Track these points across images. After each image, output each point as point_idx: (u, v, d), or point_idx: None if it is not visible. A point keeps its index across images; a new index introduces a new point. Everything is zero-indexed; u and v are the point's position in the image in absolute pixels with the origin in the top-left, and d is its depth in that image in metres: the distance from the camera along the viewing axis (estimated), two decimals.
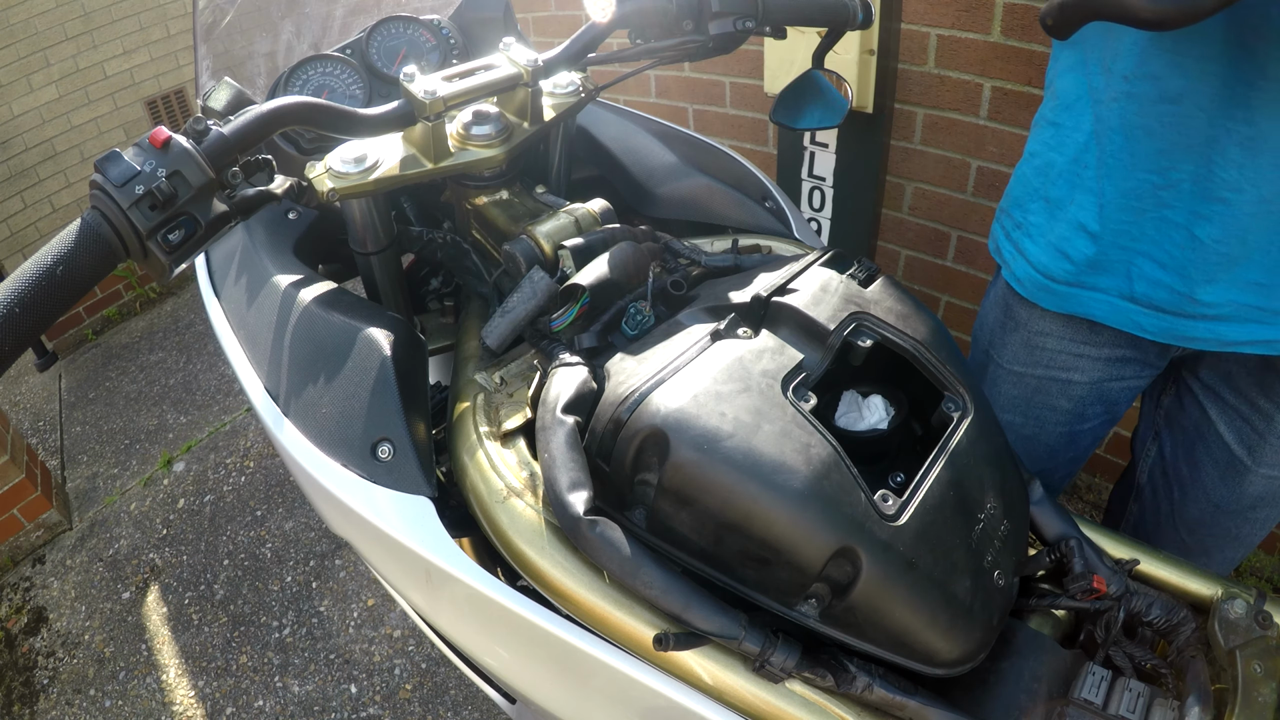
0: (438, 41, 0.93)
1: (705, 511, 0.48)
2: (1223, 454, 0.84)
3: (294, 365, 0.66)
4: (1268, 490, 0.83)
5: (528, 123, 0.71)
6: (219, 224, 0.54)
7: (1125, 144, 0.72)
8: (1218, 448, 0.85)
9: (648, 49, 0.82)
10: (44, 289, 0.46)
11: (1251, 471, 0.82)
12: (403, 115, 0.66)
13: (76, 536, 2.20)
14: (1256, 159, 0.65)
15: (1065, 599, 0.59)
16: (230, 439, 2.44)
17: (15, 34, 2.78)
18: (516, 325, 0.63)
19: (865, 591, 0.47)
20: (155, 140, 0.50)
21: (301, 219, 0.83)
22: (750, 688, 0.50)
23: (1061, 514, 0.63)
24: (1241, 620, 0.58)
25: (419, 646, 1.74)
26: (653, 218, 0.87)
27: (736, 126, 2.00)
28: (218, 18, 0.97)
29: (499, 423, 0.61)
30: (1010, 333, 0.91)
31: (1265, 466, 0.81)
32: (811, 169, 1.75)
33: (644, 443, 0.50)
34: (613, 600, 0.51)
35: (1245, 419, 0.81)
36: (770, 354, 0.54)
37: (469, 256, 0.79)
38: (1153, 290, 0.75)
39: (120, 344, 3.07)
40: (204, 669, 1.77)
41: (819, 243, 0.88)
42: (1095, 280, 0.79)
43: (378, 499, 0.59)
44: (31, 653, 1.89)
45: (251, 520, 2.14)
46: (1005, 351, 0.92)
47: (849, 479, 0.48)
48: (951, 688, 0.53)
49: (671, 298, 0.66)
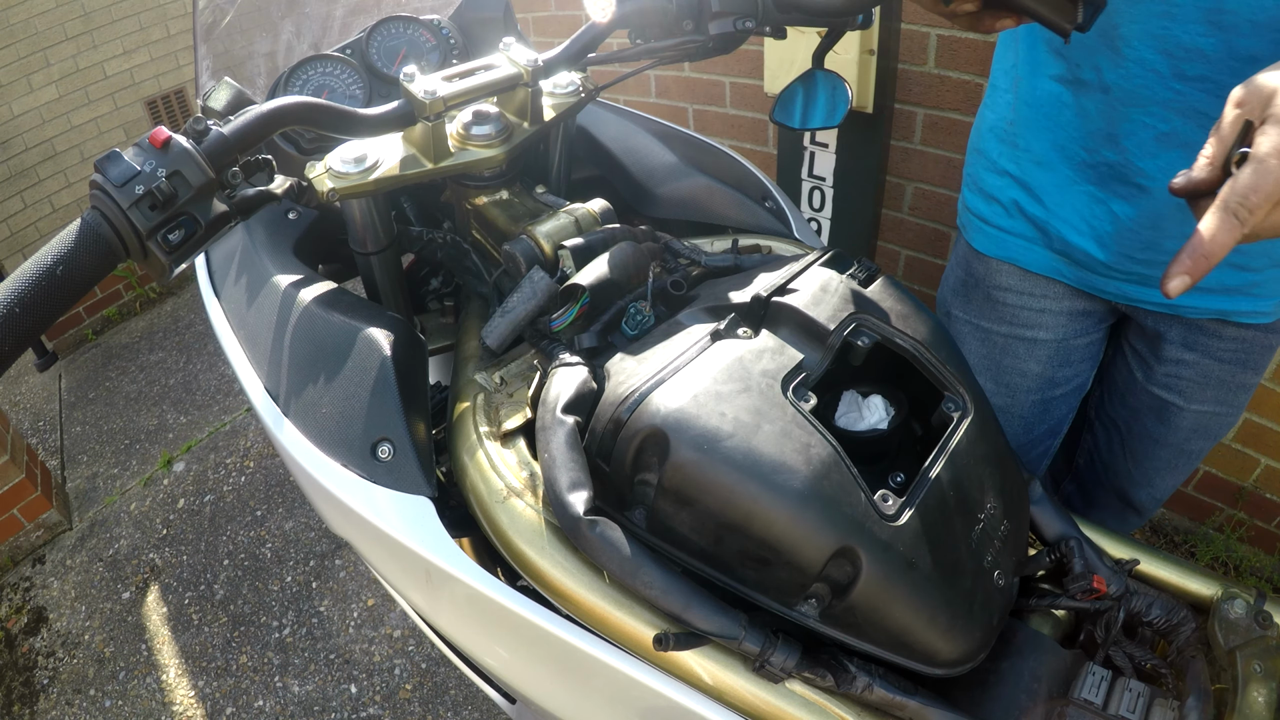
0: (438, 41, 0.93)
1: (705, 511, 0.48)
2: (1154, 402, 0.94)
3: (294, 365, 0.66)
4: (1199, 423, 0.93)
5: (528, 123, 0.71)
6: (219, 224, 0.54)
7: (1052, 122, 0.81)
8: (1148, 398, 0.94)
9: (648, 49, 0.82)
10: (44, 289, 0.46)
11: (1184, 410, 0.92)
12: (403, 115, 0.66)
13: (76, 536, 2.20)
14: (1169, 152, 0.72)
15: (1065, 599, 0.59)
16: (230, 439, 2.44)
17: (15, 34, 2.78)
18: (516, 325, 0.63)
19: (865, 591, 0.47)
20: (155, 140, 0.50)
21: (301, 219, 0.83)
22: (750, 688, 0.50)
23: (1061, 514, 0.63)
24: (1241, 620, 0.58)
25: (419, 646, 1.74)
26: (653, 218, 0.87)
27: (736, 126, 2.00)
28: (218, 18, 0.97)
29: (499, 423, 0.61)
30: (971, 289, 0.98)
31: (1196, 403, 0.91)
32: (811, 169, 1.75)
33: (644, 443, 0.50)
34: (613, 600, 0.51)
35: (1172, 374, 0.90)
36: (770, 354, 0.54)
37: (469, 256, 0.79)
38: (1072, 251, 0.85)
39: (120, 344, 3.07)
40: (204, 669, 1.77)
41: (819, 243, 0.88)
42: (1023, 229, 0.89)
43: (378, 499, 0.59)
44: (31, 653, 1.89)
45: (251, 520, 2.14)
46: (970, 306, 0.99)
47: (849, 479, 0.48)
48: (951, 688, 0.53)
49: (671, 298, 0.66)
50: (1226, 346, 0.86)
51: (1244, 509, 1.64)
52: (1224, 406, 0.92)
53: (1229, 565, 1.68)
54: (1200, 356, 0.87)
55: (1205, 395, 0.90)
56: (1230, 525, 1.68)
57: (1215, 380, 0.89)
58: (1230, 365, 0.88)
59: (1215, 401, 0.91)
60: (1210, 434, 0.96)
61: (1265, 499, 1.60)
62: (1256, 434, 1.52)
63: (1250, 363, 0.88)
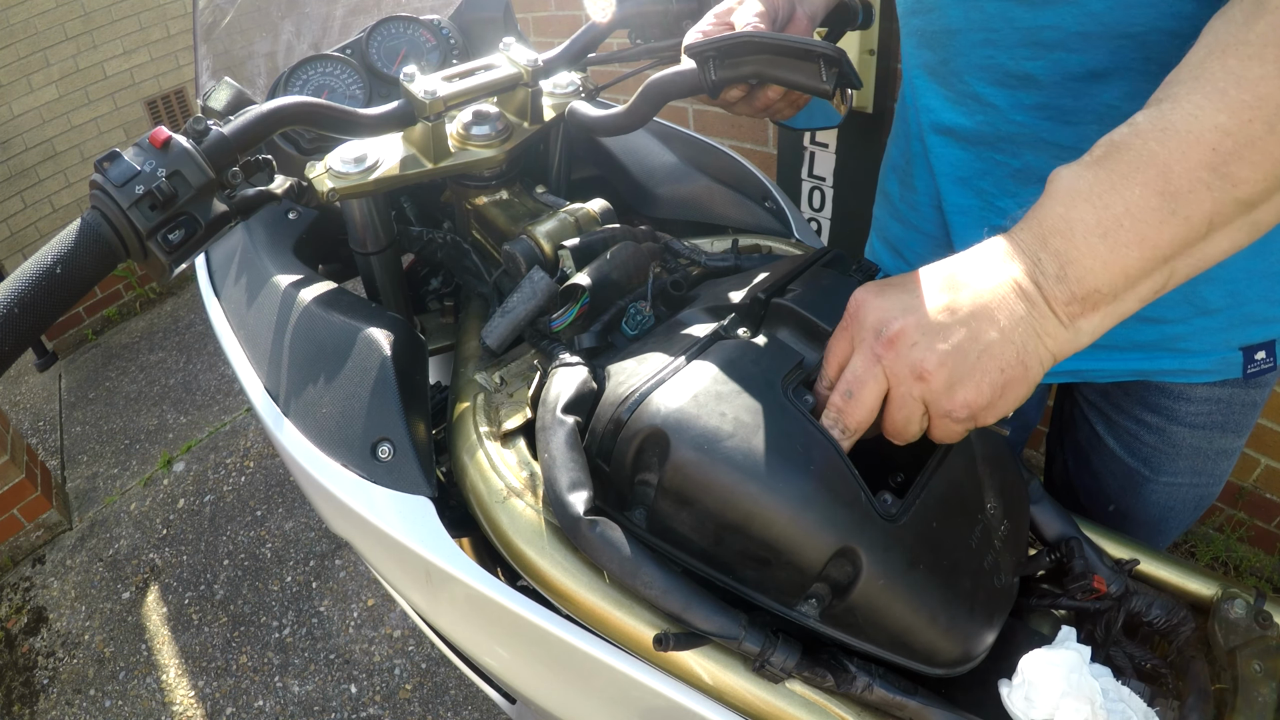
0: (438, 41, 0.93)
1: (705, 512, 0.48)
2: (1119, 467, 0.80)
3: (294, 365, 0.66)
4: (1171, 498, 0.79)
5: (528, 123, 0.71)
6: (219, 224, 0.54)
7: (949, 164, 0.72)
8: (1113, 461, 0.81)
9: (648, 49, 0.82)
10: (44, 289, 0.46)
11: (1151, 481, 0.78)
12: (402, 115, 0.66)
13: (76, 536, 2.20)
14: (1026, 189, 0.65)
15: (1065, 599, 0.59)
16: (230, 439, 2.44)
17: (15, 34, 2.78)
18: (516, 325, 0.63)
19: (865, 592, 0.47)
20: (155, 140, 0.50)
21: (301, 219, 0.83)
22: (750, 688, 0.50)
23: (1061, 514, 0.63)
24: (1241, 620, 0.58)
25: (419, 646, 1.74)
26: (653, 218, 0.87)
27: (736, 126, 2.00)
28: (218, 18, 0.97)
29: (499, 423, 0.61)
30: None
31: (1166, 475, 0.77)
32: (811, 169, 1.75)
33: (644, 443, 0.50)
34: (613, 600, 0.51)
35: (1133, 434, 0.77)
36: (770, 354, 0.54)
37: (469, 256, 0.79)
38: None
39: (120, 344, 3.07)
40: (204, 669, 1.77)
41: (819, 243, 0.88)
42: None
43: (377, 499, 0.59)
44: (31, 653, 1.89)
45: (251, 520, 2.14)
46: None
47: (849, 479, 0.48)
48: (951, 688, 0.53)
49: (671, 298, 0.66)
50: (1197, 410, 0.72)
51: (1244, 509, 1.65)
52: (1200, 477, 0.77)
53: (1229, 565, 1.68)
54: (1165, 421, 0.73)
55: (1177, 466, 0.76)
56: (1230, 525, 1.68)
57: (1188, 448, 0.74)
58: (1205, 430, 0.73)
59: (1190, 472, 0.76)
60: (1186, 510, 0.80)
61: (1265, 499, 1.60)
62: (1256, 434, 1.52)
63: (1230, 425, 0.73)
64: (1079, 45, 0.56)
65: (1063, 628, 0.51)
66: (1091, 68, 0.56)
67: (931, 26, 0.66)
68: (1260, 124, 0.38)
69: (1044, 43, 0.57)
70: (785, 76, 0.57)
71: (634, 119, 0.67)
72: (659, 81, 0.64)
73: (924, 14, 0.66)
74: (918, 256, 0.81)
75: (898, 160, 0.82)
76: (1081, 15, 0.54)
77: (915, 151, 0.76)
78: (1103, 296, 0.41)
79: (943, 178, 0.72)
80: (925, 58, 0.69)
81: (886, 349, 0.44)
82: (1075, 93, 0.58)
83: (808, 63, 0.55)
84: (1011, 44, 0.59)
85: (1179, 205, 0.39)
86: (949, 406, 0.43)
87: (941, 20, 0.64)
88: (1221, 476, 0.79)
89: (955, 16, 0.62)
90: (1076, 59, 0.56)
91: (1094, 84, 0.46)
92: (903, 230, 0.83)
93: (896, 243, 0.85)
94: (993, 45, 0.60)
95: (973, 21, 0.60)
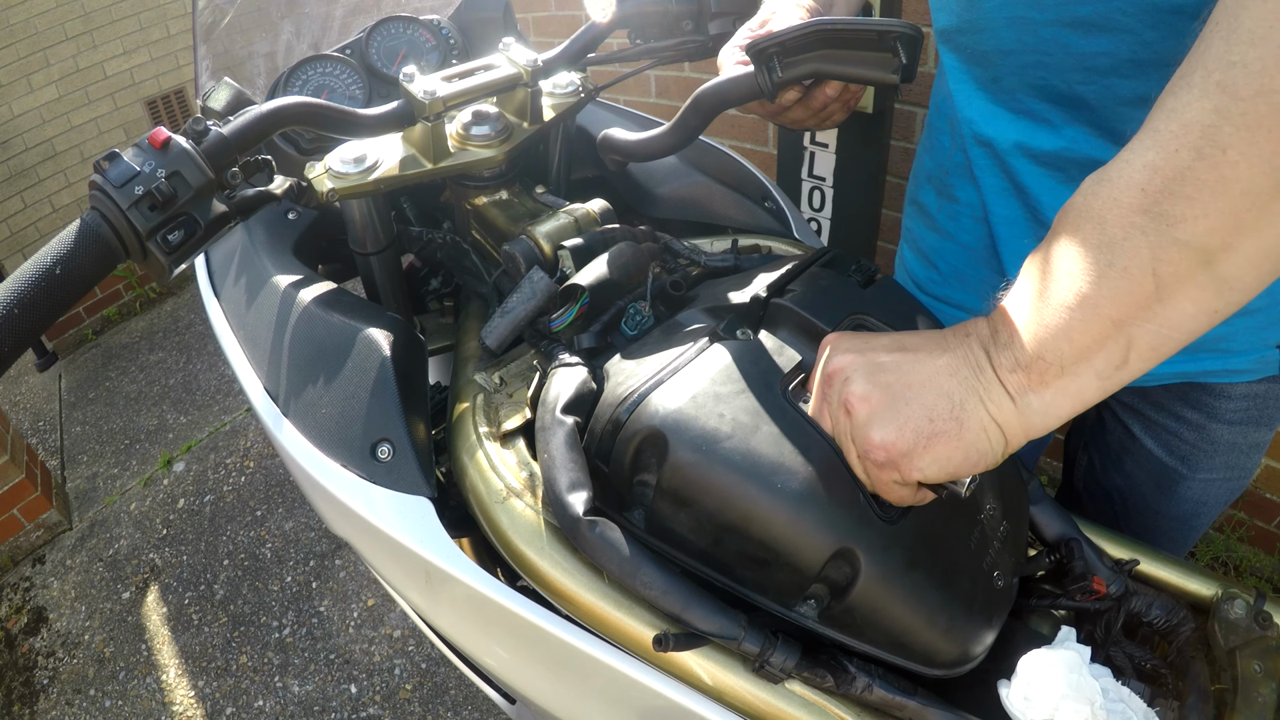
0: (437, 41, 0.93)
1: (704, 512, 0.48)
2: (1155, 466, 0.80)
3: (294, 365, 0.66)
4: (1206, 493, 0.80)
5: (527, 123, 0.71)
6: (219, 224, 0.54)
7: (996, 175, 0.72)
8: (1148, 461, 0.81)
9: (648, 49, 0.82)
10: (43, 289, 0.46)
11: (1188, 479, 0.79)
12: (402, 115, 0.66)
13: (76, 536, 2.20)
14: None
15: (1065, 599, 0.59)
16: (230, 439, 2.44)
17: (15, 34, 2.78)
18: (516, 325, 0.63)
19: (864, 592, 0.47)
20: (155, 140, 0.50)
21: (301, 219, 0.83)
22: (750, 688, 0.50)
23: (1061, 514, 0.63)
24: (1241, 620, 0.58)
25: (419, 646, 1.74)
26: (653, 218, 0.87)
27: (736, 126, 2.00)
28: (218, 18, 0.97)
29: (499, 423, 0.61)
30: None
31: (1203, 472, 0.78)
32: (811, 169, 1.75)
33: (643, 443, 0.50)
34: (612, 601, 0.51)
35: (1172, 432, 0.77)
36: (769, 355, 0.54)
37: (469, 256, 0.79)
38: None
39: (120, 344, 3.07)
40: (204, 669, 1.77)
41: (819, 243, 0.88)
42: (956, 296, 0.81)
43: (377, 499, 0.59)
44: (31, 653, 1.89)
45: (251, 520, 2.14)
46: None
47: (847, 480, 0.48)
48: (951, 688, 0.53)
49: (671, 298, 0.66)
50: (1236, 407, 0.73)
51: (1244, 509, 1.64)
52: (1234, 471, 0.79)
53: (1229, 565, 1.68)
54: (1206, 419, 0.75)
55: (1214, 462, 0.77)
56: (1230, 525, 1.67)
57: (1225, 444, 0.76)
58: (1241, 426, 0.75)
59: (1225, 468, 0.78)
60: (1218, 503, 0.83)
61: (1265, 499, 1.60)
62: None
63: (1265, 419, 0.75)
64: (1131, 72, 0.55)
65: (1062, 628, 0.51)
66: (1143, 94, 0.55)
67: (982, 46, 0.65)
68: (1187, 151, 0.36)
69: (1097, 69, 0.56)
70: (848, 71, 0.54)
71: (682, 136, 0.63)
72: (711, 91, 0.61)
73: (973, 34, 0.65)
74: (952, 268, 0.81)
75: (933, 170, 0.82)
76: (1135, 43, 0.53)
77: (957, 162, 0.76)
78: (1048, 366, 0.40)
79: (988, 189, 0.72)
80: (974, 72, 0.68)
81: (827, 384, 0.49)
82: (1126, 117, 0.57)
83: (875, 51, 0.52)
84: (1065, 68, 0.58)
85: (1115, 255, 0.37)
86: (866, 445, 0.44)
87: (993, 41, 0.63)
88: (1252, 469, 0.80)
89: (1008, 39, 0.61)
90: (1128, 84, 0.56)
91: (1145, 109, 0.46)
92: (938, 240, 0.82)
93: (930, 253, 0.84)
94: (1045, 68, 0.60)
95: (1025, 44, 0.60)
